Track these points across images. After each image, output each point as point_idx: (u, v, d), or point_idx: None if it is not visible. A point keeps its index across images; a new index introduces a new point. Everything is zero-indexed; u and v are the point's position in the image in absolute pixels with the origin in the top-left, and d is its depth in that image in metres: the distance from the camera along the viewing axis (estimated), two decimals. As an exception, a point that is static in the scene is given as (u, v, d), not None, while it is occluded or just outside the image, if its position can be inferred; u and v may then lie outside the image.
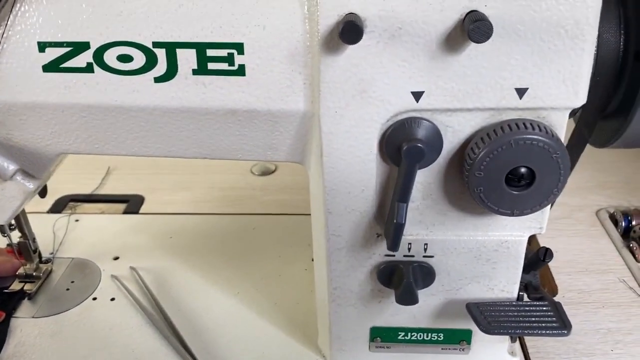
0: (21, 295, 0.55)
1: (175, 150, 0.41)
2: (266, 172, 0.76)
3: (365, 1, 0.32)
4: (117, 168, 0.76)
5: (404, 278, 0.39)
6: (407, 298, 0.39)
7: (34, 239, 0.57)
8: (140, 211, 0.68)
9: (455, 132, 0.35)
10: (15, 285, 0.56)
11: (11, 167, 0.43)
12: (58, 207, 0.68)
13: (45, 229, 0.63)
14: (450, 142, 0.35)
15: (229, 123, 0.38)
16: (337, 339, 0.45)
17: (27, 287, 0.56)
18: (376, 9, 0.32)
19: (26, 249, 0.56)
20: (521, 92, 0.34)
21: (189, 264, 0.58)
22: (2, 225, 0.52)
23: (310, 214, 0.43)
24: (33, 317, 0.52)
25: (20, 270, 0.57)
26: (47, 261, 0.59)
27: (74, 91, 0.38)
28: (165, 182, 0.73)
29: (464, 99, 0.34)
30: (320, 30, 0.33)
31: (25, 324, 0.52)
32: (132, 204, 0.69)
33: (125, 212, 0.68)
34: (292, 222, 0.64)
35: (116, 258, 0.60)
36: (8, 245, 0.60)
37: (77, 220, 0.66)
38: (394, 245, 0.36)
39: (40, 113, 0.39)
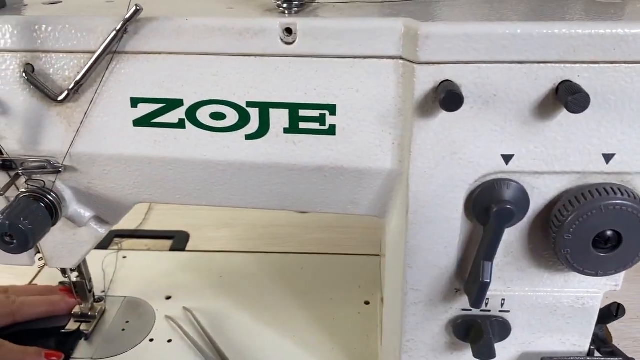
0: (78, 335, 0.55)
1: (256, 202, 0.41)
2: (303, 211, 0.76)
3: (462, 69, 0.33)
4: (159, 203, 0.77)
5: (483, 333, 0.39)
6: (486, 353, 0.39)
7: (90, 279, 0.57)
8: (187, 248, 0.69)
9: (541, 193, 0.36)
10: (71, 325, 0.56)
11: (87, 214, 0.44)
12: (104, 242, 0.69)
13: (94, 266, 0.64)
14: (536, 202, 0.36)
15: (314, 178, 0.39)
16: (405, 389, 0.46)
17: (83, 327, 0.56)
18: (472, 76, 0.33)
19: (83, 289, 0.56)
20: (608, 157, 0.35)
21: (242, 304, 0.59)
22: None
23: (354, 254, 0.44)
24: (92, 359, 0.53)
25: (76, 310, 0.57)
26: (100, 300, 0.60)
27: (163, 145, 0.39)
28: (208, 218, 0.74)
29: (552, 163, 0.35)
30: (415, 95, 0.34)
31: (86, 366, 0.52)
32: (177, 240, 0.70)
33: (172, 248, 0.69)
34: (338, 262, 0.65)
35: (168, 297, 0.60)
36: (60, 283, 0.61)
37: (124, 257, 0.66)
38: (477, 302, 0.37)
39: (126, 165, 0.40)
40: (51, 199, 0.41)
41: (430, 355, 0.43)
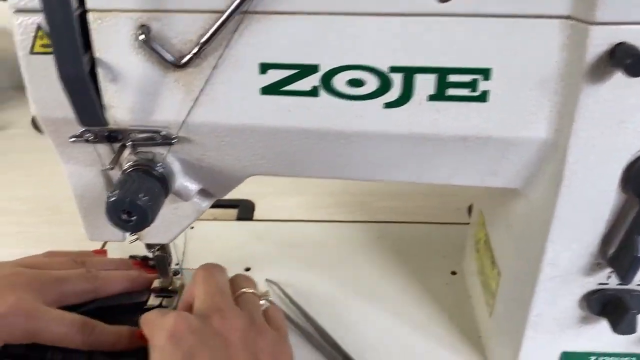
0: (161, 310, 0.53)
1: (381, 175, 0.39)
2: (370, 176, 0.74)
3: (641, 30, 0.30)
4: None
5: (625, 308, 0.38)
6: (629, 327, 0.38)
7: (169, 253, 0.55)
8: (254, 217, 0.67)
9: None
10: (153, 301, 0.53)
11: (194, 187, 0.41)
12: (167, 213, 0.66)
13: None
14: (701, 173, 0.34)
15: (454, 149, 0.36)
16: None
17: (165, 302, 0.54)
18: (652, 38, 0.31)
19: (164, 263, 0.54)
20: None
21: (325, 275, 0.57)
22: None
23: (432, 222, 0.42)
24: (182, 335, 0.51)
25: (155, 284, 0.55)
26: (177, 273, 0.57)
27: (292, 115, 0.36)
28: (272, 186, 0.71)
29: None
30: (586, 58, 0.31)
31: (177, 343, 0.50)
32: (243, 209, 0.68)
33: (239, 218, 0.66)
34: (417, 231, 0.63)
35: (247, 269, 0.58)
36: (131, 257, 0.59)
37: (192, 228, 0.64)
38: (629, 277, 0.35)
39: (248, 136, 0.37)
40: (162, 172, 0.38)
41: (555, 330, 0.42)
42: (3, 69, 0.97)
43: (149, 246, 0.51)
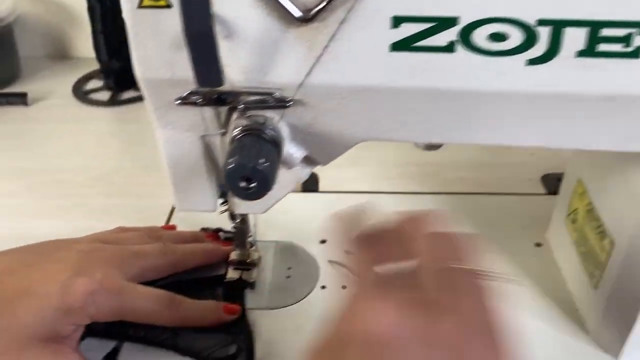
0: (242, 284, 0.51)
1: (510, 139, 0.36)
2: (433, 147, 0.71)
3: None
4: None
5: None
6: None
7: (249, 225, 0.53)
8: (319, 189, 0.64)
9: None
10: (232, 274, 0.52)
11: (299, 155, 0.39)
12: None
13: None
14: None
15: (599, 110, 0.34)
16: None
17: (245, 275, 0.52)
18: None
19: (243, 235, 0.52)
20: None
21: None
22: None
23: (507, 193, 0.40)
24: (268, 309, 0.49)
25: (232, 257, 0.53)
26: (251, 245, 0.55)
27: (422, 74, 0.33)
28: (333, 157, 0.68)
29: None
30: None
31: (263, 318, 0.48)
32: (307, 181, 0.65)
33: (304, 189, 0.64)
34: (493, 203, 0.61)
35: (323, 241, 0.56)
36: (203, 229, 0.57)
37: (258, 200, 0.62)
38: None
39: (369, 98, 0.35)
40: (274, 137, 0.36)
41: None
42: (37, 38, 0.94)
43: (232, 217, 0.49)
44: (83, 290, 0.41)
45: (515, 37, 0.31)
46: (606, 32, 0.31)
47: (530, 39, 0.31)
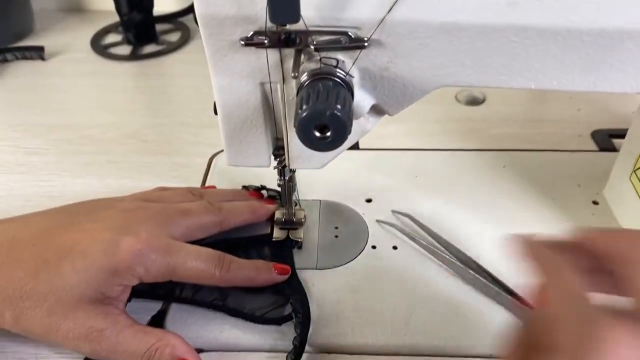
0: (289, 244, 0.49)
1: (605, 85, 0.33)
2: (474, 102, 0.68)
3: None
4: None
5: None
6: None
7: (295, 182, 0.50)
8: (360, 147, 0.61)
9: None
10: (279, 233, 0.49)
11: (368, 103, 0.36)
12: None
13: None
14: None
15: None
16: None
17: (292, 234, 0.49)
18: None
19: (289, 193, 0.49)
20: None
21: (454, 205, 0.52)
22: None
23: (558, 150, 0.37)
24: (318, 269, 0.47)
25: (277, 216, 0.50)
26: (296, 204, 0.53)
27: (519, 10, 0.30)
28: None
29: None
30: None
31: (314, 278, 0.46)
32: (346, 138, 0.62)
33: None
34: (543, 160, 0.58)
35: (369, 200, 0.53)
36: (245, 187, 0.54)
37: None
38: None
39: (455, 37, 0.31)
40: (348, 82, 0.33)
41: None
42: (49, -11, 0.90)
43: (282, 174, 0.46)
44: (129, 250, 0.39)
45: (629, -34, 0.28)
46: None
47: (645, -32, 0.28)
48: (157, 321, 0.43)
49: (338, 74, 0.32)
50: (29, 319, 0.37)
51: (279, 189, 0.51)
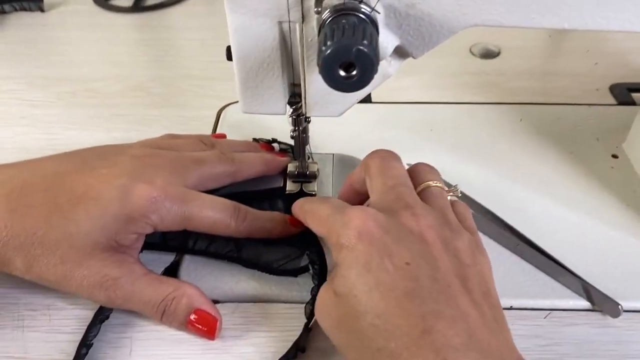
0: (303, 196, 0.48)
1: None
2: (489, 55, 0.66)
3: None
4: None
5: None
6: None
7: (308, 134, 0.48)
8: (372, 99, 0.60)
9: None
10: (292, 186, 0.48)
11: (392, 43, 0.34)
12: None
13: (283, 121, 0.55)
14: None
15: None
16: None
17: (305, 188, 0.48)
18: None
19: (303, 144, 0.48)
20: None
21: (473, 159, 0.51)
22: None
23: (575, 104, 0.35)
24: (333, 223, 0.46)
25: (291, 169, 0.49)
26: (308, 157, 0.51)
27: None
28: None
29: None
30: None
31: (329, 230, 0.45)
32: (358, 91, 0.61)
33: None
34: (560, 113, 0.56)
35: (384, 154, 0.52)
36: (256, 140, 0.53)
37: (308, 110, 0.57)
38: None
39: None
40: (373, 19, 0.31)
41: None
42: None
43: (296, 123, 0.44)
44: (144, 197, 0.38)
45: None
46: None
47: None
48: (171, 273, 0.42)
49: (363, 9, 0.31)
50: (42, 267, 0.36)
51: (290, 142, 0.50)
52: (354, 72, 0.29)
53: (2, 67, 0.65)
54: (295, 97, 0.40)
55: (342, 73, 0.29)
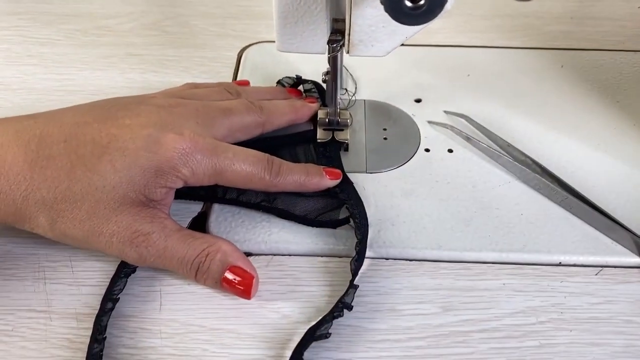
0: (335, 145, 0.44)
1: None
2: (525, -3, 0.62)
3: None
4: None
5: None
6: None
7: (342, 77, 0.45)
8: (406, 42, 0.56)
9: None
10: (323, 134, 0.45)
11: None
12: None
13: (309, 64, 0.51)
14: None
15: None
16: None
17: (337, 136, 0.45)
18: None
19: (334, 91, 0.44)
20: None
21: (512, 105, 0.48)
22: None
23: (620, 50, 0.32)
24: (368, 173, 0.43)
25: (321, 116, 0.45)
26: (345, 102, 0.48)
27: None
28: (413, 6, 0.59)
29: None
30: None
31: (366, 182, 0.42)
32: (387, 33, 0.57)
33: (386, 43, 0.56)
34: (603, 59, 0.53)
35: (418, 100, 0.49)
36: (280, 83, 0.49)
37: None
38: None
39: None
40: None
41: None
42: None
43: (334, 63, 0.41)
44: (173, 148, 0.35)
45: None
46: None
47: None
48: (199, 223, 0.40)
49: None
50: (67, 222, 0.34)
51: (315, 79, 0.47)
52: (422, 2, 0.26)
53: (1, 1, 0.61)
54: (336, 35, 0.36)
55: (408, 3, 0.26)
